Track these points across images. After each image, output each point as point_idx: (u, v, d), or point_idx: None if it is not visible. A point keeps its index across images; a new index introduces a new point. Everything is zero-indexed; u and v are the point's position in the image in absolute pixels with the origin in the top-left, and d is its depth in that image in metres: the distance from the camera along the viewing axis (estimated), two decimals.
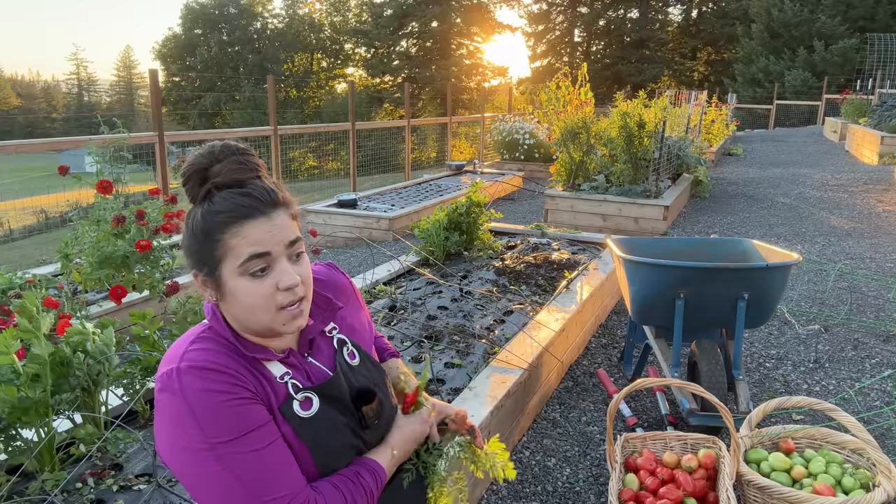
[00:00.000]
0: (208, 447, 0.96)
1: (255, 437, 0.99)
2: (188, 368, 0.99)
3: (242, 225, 1.01)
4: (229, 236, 1.01)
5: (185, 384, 0.98)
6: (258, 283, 1.02)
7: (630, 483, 2.24)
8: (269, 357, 1.09)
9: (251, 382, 1.04)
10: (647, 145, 7.23)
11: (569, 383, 3.47)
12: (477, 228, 4.95)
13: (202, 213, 1.02)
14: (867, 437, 2.20)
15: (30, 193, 9.82)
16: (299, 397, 1.08)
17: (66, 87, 79.36)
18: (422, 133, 17.68)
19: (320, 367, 1.17)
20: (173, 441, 0.99)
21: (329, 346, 1.21)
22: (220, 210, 1.01)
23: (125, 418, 2.33)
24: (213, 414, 0.97)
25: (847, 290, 4.82)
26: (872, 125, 12.81)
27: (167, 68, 42.12)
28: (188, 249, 1.06)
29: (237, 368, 1.03)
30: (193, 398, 0.97)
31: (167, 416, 1.00)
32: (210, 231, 1.01)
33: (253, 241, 1.01)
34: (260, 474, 0.98)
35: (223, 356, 1.03)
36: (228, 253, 1.02)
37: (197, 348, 1.04)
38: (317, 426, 1.08)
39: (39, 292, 2.68)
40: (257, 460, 0.98)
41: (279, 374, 1.09)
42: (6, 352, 1.91)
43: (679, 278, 2.73)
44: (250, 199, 1.02)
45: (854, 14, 25.84)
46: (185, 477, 1.00)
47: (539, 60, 40.35)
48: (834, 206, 7.94)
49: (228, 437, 0.97)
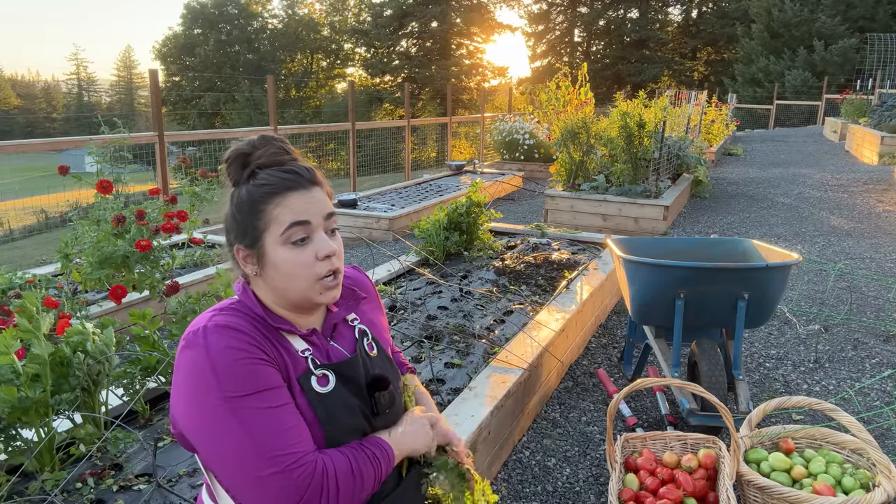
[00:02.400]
0: (224, 400, 1.01)
1: (268, 396, 1.04)
2: (215, 327, 1.06)
3: (285, 196, 1.10)
4: (273, 206, 1.09)
5: (210, 341, 1.04)
6: (299, 251, 1.10)
7: (630, 483, 2.24)
8: (292, 330, 1.15)
9: (271, 350, 1.09)
10: (647, 145, 7.23)
11: (569, 383, 3.47)
12: (477, 228, 4.95)
13: (247, 189, 1.11)
14: (867, 437, 2.20)
15: (30, 193, 9.82)
16: (318, 373, 1.13)
17: (66, 87, 79.39)
18: (422, 133, 17.68)
19: (341, 350, 1.22)
20: (190, 395, 1.04)
21: (351, 333, 1.27)
22: (265, 183, 1.10)
23: (125, 418, 2.33)
24: (231, 369, 1.02)
25: (847, 290, 4.82)
26: (872, 125, 12.81)
27: (167, 68, 42.10)
28: (231, 223, 1.13)
29: (259, 335, 1.09)
30: (216, 353, 1.03)
31: (188, 370, 1.04)
32: (255, 202, 1.10)
33: (295, 210, 1.10)
34: (271, 430, 1.02)
35: (248, 324, 1.10)
36: (272, 222, 1.09)
37: (224, 314, 1.10)
38: (331, 403, 1.12)
39: (39, 292, 2.68)
40: (269, 416, 1.03)
41: (301, 349, 1.14)
42: (6, 352, 1.91)
43: (679, 278, 2.73)
44: (292, 174, 1.12)
45: (854, 14, 25.84)
46: (196, 431, 1.04)
47: (539, 60, 40.36)
48: (834, 206, 7.94)
49: (243, 392, 1.02)
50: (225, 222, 1.16)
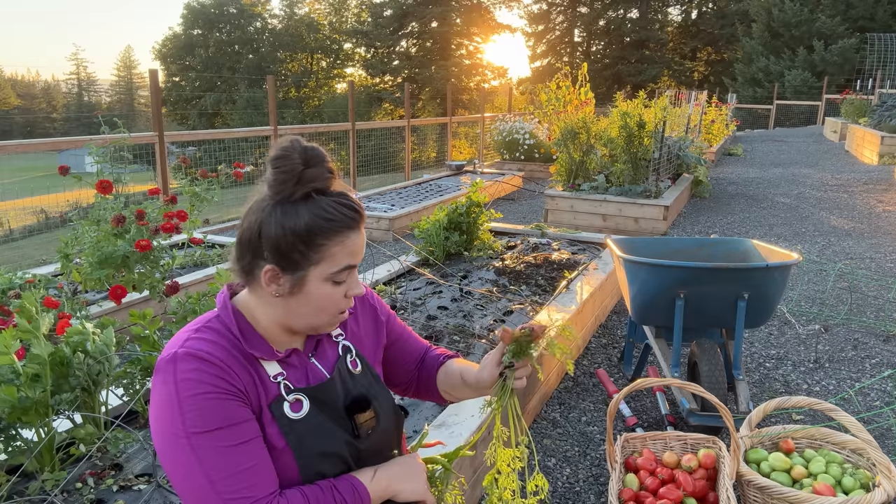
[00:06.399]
0: (185, 435, 0.99)
1: (230, 433, 1.01)
2: (184, 355, 1.03)
3: (347, 236, 1.07)
4: (334, 244, 1.06)
5: (178, 370, 1.02)
6: (335, 289, 1.10)
7: (630, 483, 2.24)
8: (267, 356, 1.11)
9: (242, 379, 1.06)
10: (647, 145, 7.23)
11: (569, 383, 3.47)
12: (477, 228, 4.95)
13: (310, 216, 1.05)
14: (867, 437, 2.20)
15: (30, 193, 9.81)
16: (290, 398, 1.10)
17: (66, 87, 79.32)
18: (422, 133, 17.67)
19: (320, 370, 1.18)
20: (158, 423, 1.03)
21: (334, 350, 1.23)
22: (333, 218, 1.06)
23: (125, 418, 2.33)
24: (194, 403, 1.00)
25: (847, 290, 4.82)
26: (872, 125, 12.81)
27: (167, 68, 42.10)
28: (273, 241, 1.05)
29: (231, 363, 1.05)
30: (181, 385, 1.01)
31: (157, 398, 1.04)
32: (314, 234, 1.05)
33: (351, 252, 1.09)
34: (227, 470, 0.99)
35: (222, 349, 1.06)
36: (326, 259, 1.07)
37: (198, 337, 1.07)
38: (303, 429, 1.08)
39: (39, 292, 2.68)
40: (228, 456, 1.00)
41: (273, 374, 1.11)
42: (6, 352, 1.90)
43: (679, 278, 2.73)
44: (353, 212, 1.08)
45: (854, 14, 25.83)
46: (164, 460, 1.03)
47: (539, 60, 40.35)
48: (834, 206, 7.94)
49: (204, 429, 1.00)
50: (252, 229, 1.08)
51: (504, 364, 1.23)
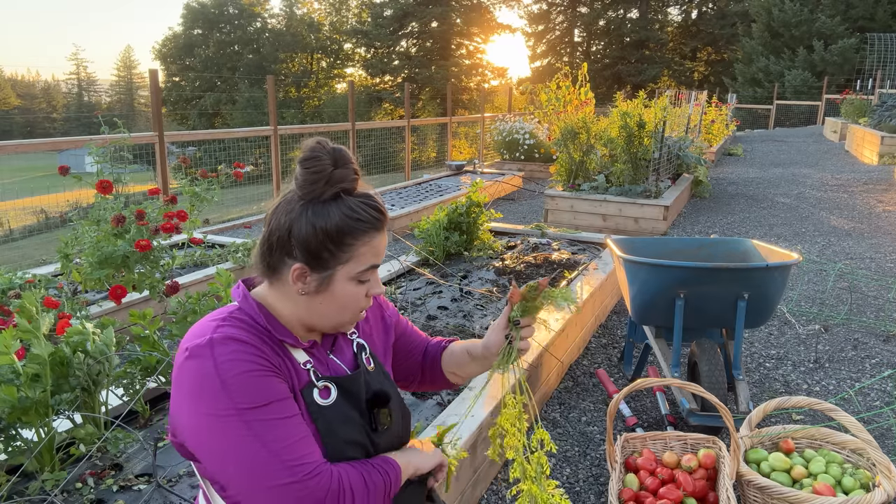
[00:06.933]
0: (236, 412, 1.01)
1: (279, 407, 1.04)
2: (222, 338, 1.05)
3: (373, 237, 1.12)
4: (361, 244, 1.10)
5: (216, 353, 1.03)
6: (358, 288, 1.14)
7: (630, 483, 2.24)
8: (295, 344, 1.14)
9: (276, 361, 1.09)
10: (647, 145, 7.23)
11: (569, 383, 3.47)
12: (477, 228, 4.95)
13: (340, 216, 1.08)
14: (867, 437, 2.20)
15: (30, 193, 9.81)
16: (320, 385, 1.13)
17: (66, 87, 79.31)
18: (422, 133, 17.67)
19: (340, 365, 1.22)
20: (196, 407, 1.03)
21: (349, 347, 1.27)
22: (361, 219, 1.10)
23: (125, 418, 2.33)
24: (241, 381, 1.02)
25: (847, 290, 4.82)
26: (872, 125, 12.81)
27: (167, 68, 42.08)
28: (307, 241, 1.08)
29: (265, 347, 1.09)
30: (223, 366, 1.02)
31: (193, 382, 1.03)
32: (344, 234, 1.09)
33: (377, 252, 1.14)
34: (287, 440, 1.02)
35: (254, 336, 1.09)
36: (354, 258, 1.11)
37: (228, 325, 1.09)
38: (331, 415, 1.12)
39: (39, 292, 2.69)
40: (282, 428, 1.03)
41: (302, 361, 1.14)
42: (6, 352, 1.91)
43: (679, 278, 2.73)
44: (379, 212, 1.13)
45: (854, 14, 25.83)
46: (207, 443, 1.03)
47: (539, 60, 40.33)
48: (834, 206, 7.94)
49: (255, 404, 1.02)
50: (282, 228, 1.10)
51: (512, 320, 1.29)
